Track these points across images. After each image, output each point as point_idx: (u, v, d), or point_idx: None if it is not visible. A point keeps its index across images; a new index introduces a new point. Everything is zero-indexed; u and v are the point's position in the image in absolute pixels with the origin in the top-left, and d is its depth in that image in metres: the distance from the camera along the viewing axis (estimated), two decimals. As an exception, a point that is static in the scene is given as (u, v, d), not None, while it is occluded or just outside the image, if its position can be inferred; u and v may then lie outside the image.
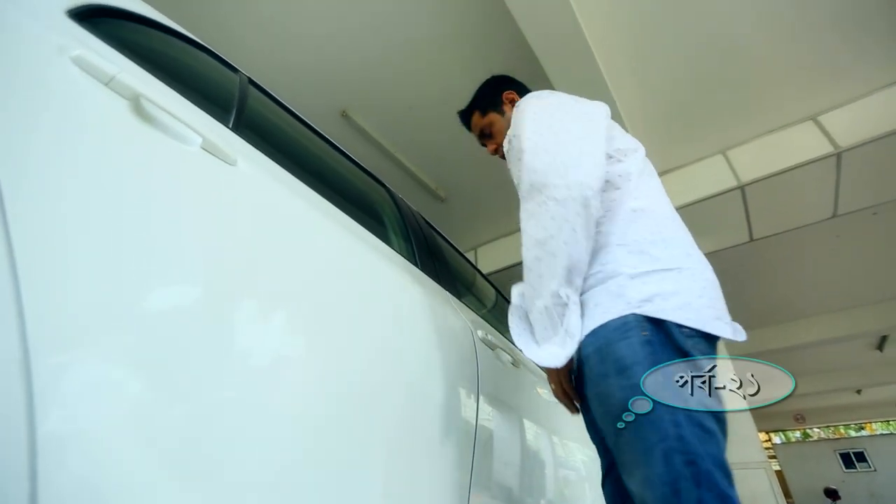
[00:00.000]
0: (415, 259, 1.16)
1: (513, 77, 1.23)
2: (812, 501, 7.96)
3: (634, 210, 0.84)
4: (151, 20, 0.80)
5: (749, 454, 2.93)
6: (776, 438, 11.91)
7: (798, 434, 11.98)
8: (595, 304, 0.77)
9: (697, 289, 0.76)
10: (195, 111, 0.69)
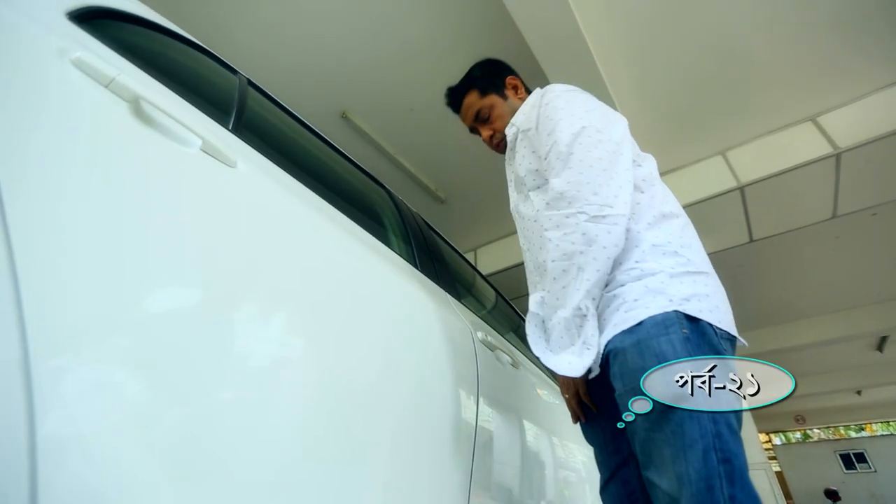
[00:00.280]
0: (414, 260, 1.16)
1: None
2: (812, 502, 7.96)
3: (664, 214, 0.86)
4: (151, 22, 0.80)
5: (749, 455, 2.86)
6: (776, 439, 11.89)
7: (798, 435, 11.98)
8: (634, 300, 0.77)
9: (721, 293, 0.81)
10: (195, 113, 0.69)
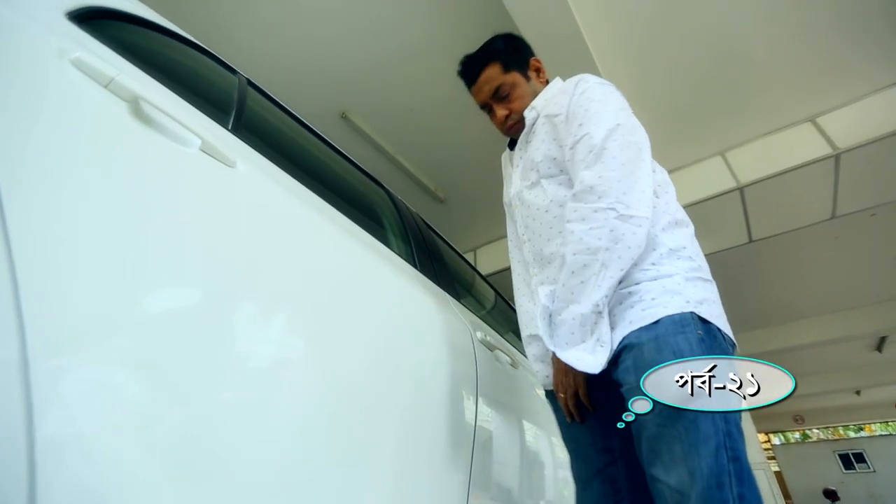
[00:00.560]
0: (414, 260, 1.16)
1: None
2: (811, 502, 7.97)
3: (678, 221, 0.89)
4: (150, 22, 0.80)
5: (748, 455, 2.92)
6: (775, 439, 11.89)
7: (797, 435, 11.98)
8: (652, 298, 0.78)
9: (720, 302, 0.83)
10: (194, 113, 0.69)
